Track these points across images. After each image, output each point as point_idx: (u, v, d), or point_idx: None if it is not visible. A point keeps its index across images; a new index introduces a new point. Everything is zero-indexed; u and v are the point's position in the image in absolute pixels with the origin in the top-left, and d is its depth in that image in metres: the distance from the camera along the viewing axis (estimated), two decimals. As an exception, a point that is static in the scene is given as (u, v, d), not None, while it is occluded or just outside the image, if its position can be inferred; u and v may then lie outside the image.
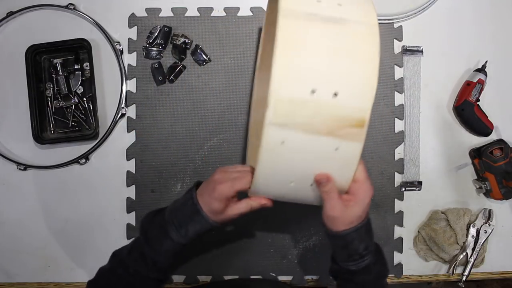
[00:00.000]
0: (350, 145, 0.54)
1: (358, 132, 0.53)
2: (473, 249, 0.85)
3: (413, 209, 0.89)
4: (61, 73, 0.87)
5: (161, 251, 0.63)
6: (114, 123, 0.88)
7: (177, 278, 0.87)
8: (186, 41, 0.87)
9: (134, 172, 0.88)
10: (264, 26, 0.80)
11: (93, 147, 0.87)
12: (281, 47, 0.52)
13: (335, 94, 0.52)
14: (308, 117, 0.52)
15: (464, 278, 0.85)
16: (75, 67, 0.87)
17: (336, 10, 0.56)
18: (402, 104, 0.89)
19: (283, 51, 0.52)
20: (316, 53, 0.53)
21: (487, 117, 0.87)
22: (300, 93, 0.52)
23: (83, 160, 0.88)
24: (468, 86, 0.86)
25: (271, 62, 0.51)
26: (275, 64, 0.51)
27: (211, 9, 0.89)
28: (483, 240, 0.85)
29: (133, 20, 0.89)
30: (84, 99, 0.88)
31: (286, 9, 0.54)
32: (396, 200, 0.88)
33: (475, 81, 0.86)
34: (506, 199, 0.86)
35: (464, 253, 0.85)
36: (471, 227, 0.85)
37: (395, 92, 0.88)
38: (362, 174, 0.58)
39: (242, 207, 0.62)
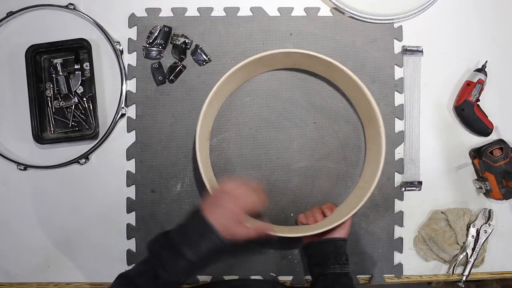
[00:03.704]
0: None
1: None
2: (473, 249, 0.85)
3: (413, 209, 0.89)
4: (61, 73, 0.87)
5: (174, 272, 0.65)
6: (114, 123, 0.88)
7: (177, 278, 0.87)
8: (186, 41, 0.87)
9: (134, 172, 0.88)
10: None
11: (93, 147, 0.87)
12: None
13: None
14: None
15: (464, 278, 0.85)
16: (75, 67, 0.87)
17: None
18: (402, 104, 0.89)
19: None
20: None
21: (487, 117, 0.87)
22: None
23: (83, 160, 0.88)
24: (468, 86, 0.86)
25: None
26: None
27: (211, 9, 0.89)
28: (483, 240, 0.85)
29: (133, 20, 0.89)
30: (84, 99, 0.88)
31: None
32: (396, 200, 0.88)
33: (475, 81, 0.86)
34: (506, 199, 0.86)
35: (464, 253, 0.85)
36: (471, 227, 0.85)
37: (395, 92, 0.88)
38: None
39: (250, 232, 0.68)
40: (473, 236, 0.85)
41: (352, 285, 0.76)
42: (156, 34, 0.87)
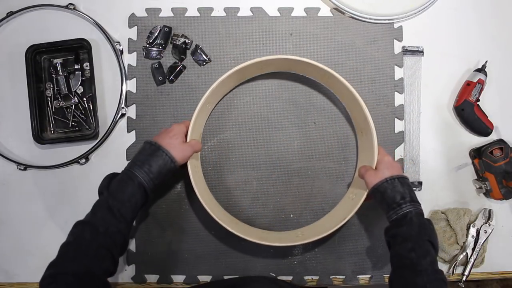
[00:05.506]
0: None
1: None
2: (473, 249, 0.85)
3: (413, 209, 0.88)
4: (61, 73, 0.87)
5: (124, 199, 0.67)
6: (114, 123, 0.88)
7: (177, 278, 0.87)
8: (186, 41, 0.87)
9: (134, 172, 0.88)
10: None
11: (93, 147, 0.87)
12: None
13: None
14: None
15: (464, 278, 0.85)
16: (75, 67, 0.87)
17: None
18: (402, 104, 0.89)
19: None
20: None
21: (487, 117, 0.87)
22: None
23: (83, 160, 0.88)
24: (468, 86, 0.86)
25: None
26: None
27: (211, 9, 0.89)
28: (483, 240, 0.85)
29: (133, 20, 0.89)
30: (84, 99, 0.88)
31: None
32: (396, 200, 0.88)
33: (475, 81, 0.86)
34: (506, 199, 0.86)
35: (464, 253, 0.85)
36: (471, 227, 0.85)
37: (395, 92, 0.88)
38: (381, 153, 0.77)
39: (190, 149, 0.75)
40: (473, 236, 0.85)
41: (420, 225, 0.67)
42: (156, 34, 0.87)
